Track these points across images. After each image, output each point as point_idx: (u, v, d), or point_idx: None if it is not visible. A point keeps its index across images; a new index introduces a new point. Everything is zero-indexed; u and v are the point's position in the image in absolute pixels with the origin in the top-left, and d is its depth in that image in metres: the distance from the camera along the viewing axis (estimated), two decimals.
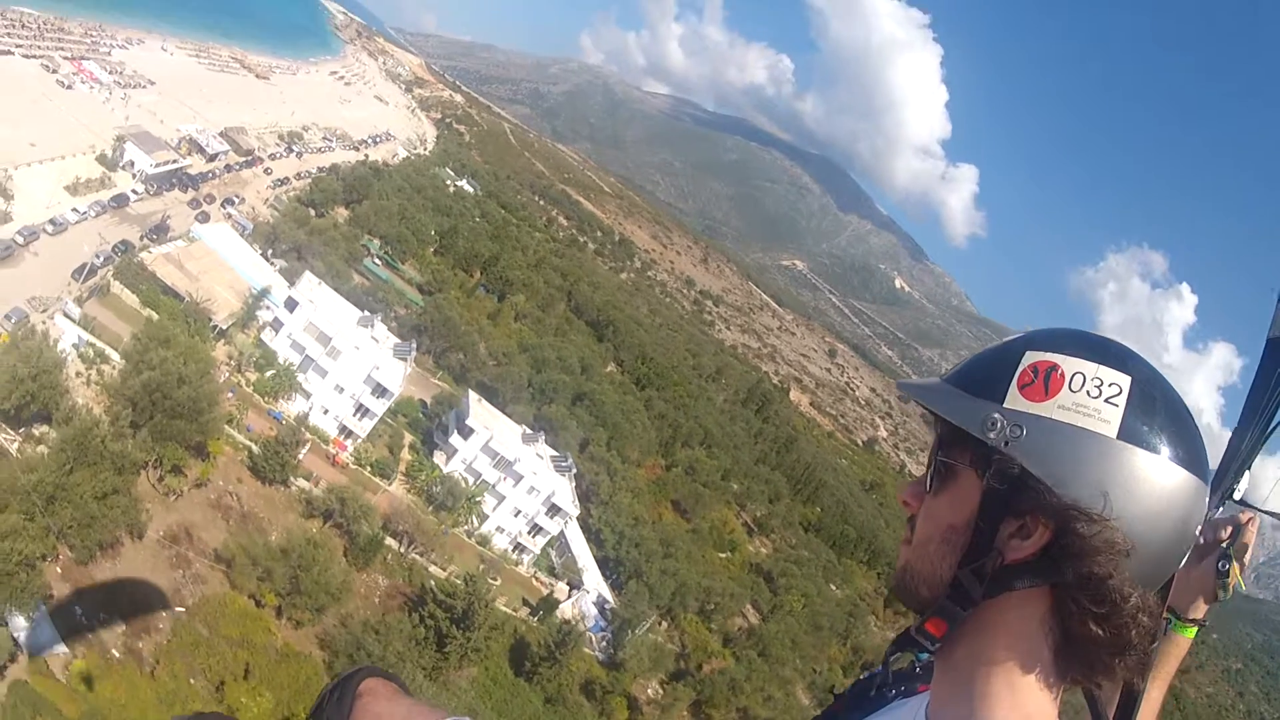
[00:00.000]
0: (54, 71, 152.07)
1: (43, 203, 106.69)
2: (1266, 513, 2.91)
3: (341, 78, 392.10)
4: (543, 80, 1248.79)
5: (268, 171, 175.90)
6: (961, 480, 2.23)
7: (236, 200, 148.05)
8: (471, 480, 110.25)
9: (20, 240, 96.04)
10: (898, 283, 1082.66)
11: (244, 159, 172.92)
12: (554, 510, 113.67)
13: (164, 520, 76.82)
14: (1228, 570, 2.93)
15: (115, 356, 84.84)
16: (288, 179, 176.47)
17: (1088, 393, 2.06)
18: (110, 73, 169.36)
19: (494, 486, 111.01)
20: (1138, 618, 2.01)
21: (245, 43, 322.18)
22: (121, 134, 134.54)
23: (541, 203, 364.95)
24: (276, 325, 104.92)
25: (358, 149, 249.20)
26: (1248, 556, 2.97)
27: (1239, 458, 2.79)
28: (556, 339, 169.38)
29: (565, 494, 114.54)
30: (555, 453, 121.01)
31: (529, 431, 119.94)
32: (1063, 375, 2.10)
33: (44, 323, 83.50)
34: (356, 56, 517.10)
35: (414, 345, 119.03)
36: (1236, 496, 2.75)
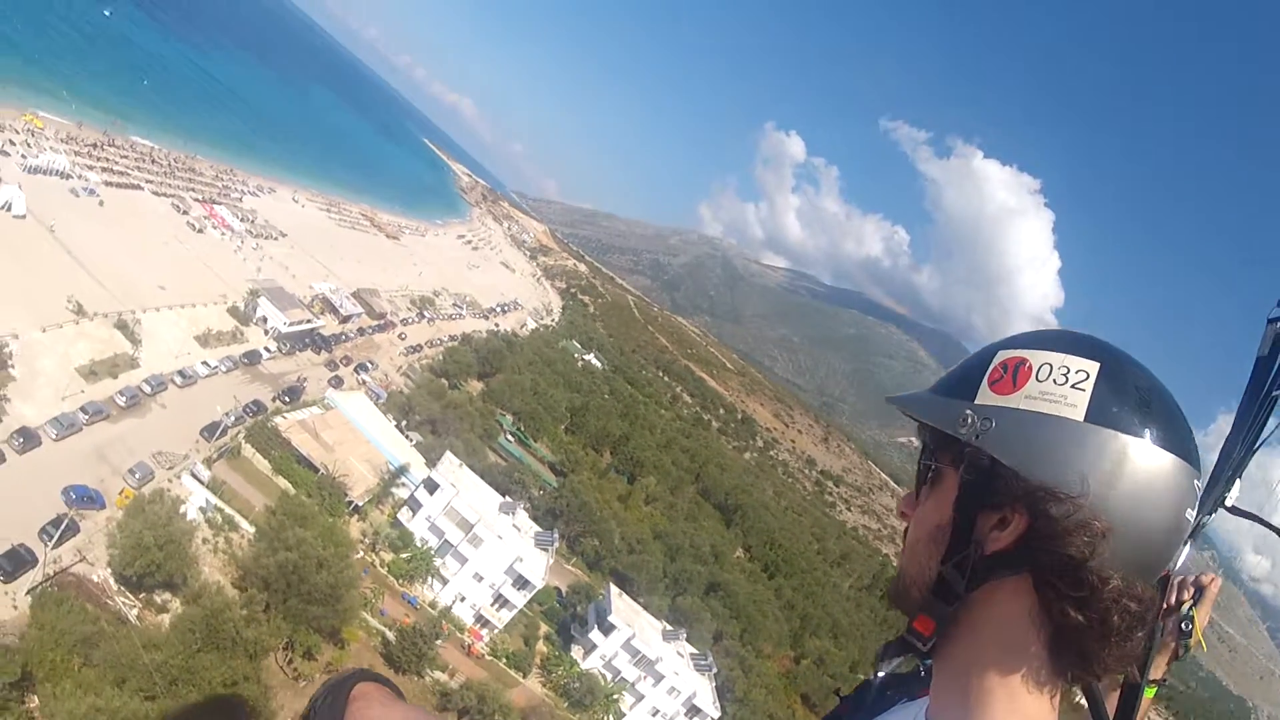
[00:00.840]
0: (184, 213, 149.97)
1: (171, 351, 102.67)
2: (1260, 521, 2.90)
3: (469, 242, 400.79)
4: (663, 251, 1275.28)
5: (402, 337, 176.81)
6: (945, 481, 2.33)
7: (370, 366, 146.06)
8: (610, 677, 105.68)
9: (148, 389, 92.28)
10: None
11: (377, 322, 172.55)
12: (694, 711, 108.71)
13: (293, 707, 70.39)
14: (1190, 630, 3.14)
15: (244, 525, 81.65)
16: (420, 346, 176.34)
17: (1054, 381, 2.14)
18: (242, 220, 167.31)
19: (633, 685, 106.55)
20: (1121, 601, 2.03)
21: (374, 199, 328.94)
22: (255, 288, 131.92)
23: (665, 378, 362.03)
24: (414, 505, 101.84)
25: (487, 317, 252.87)
26: (1207, 617, 3.19)
27: (1230, 466, 2.81)
28: (688, 525, 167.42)
29: (706, 694, 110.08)
30: (695, 650, 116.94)
31: (669, 629, 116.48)
32: (1030, 368, 2.20)
33: (170, 481, 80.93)
34: (482, 220, 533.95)
35: (555, 535, 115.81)
36: (1228, 504, 2.80)
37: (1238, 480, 2.76)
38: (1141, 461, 2.04)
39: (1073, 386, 2.10)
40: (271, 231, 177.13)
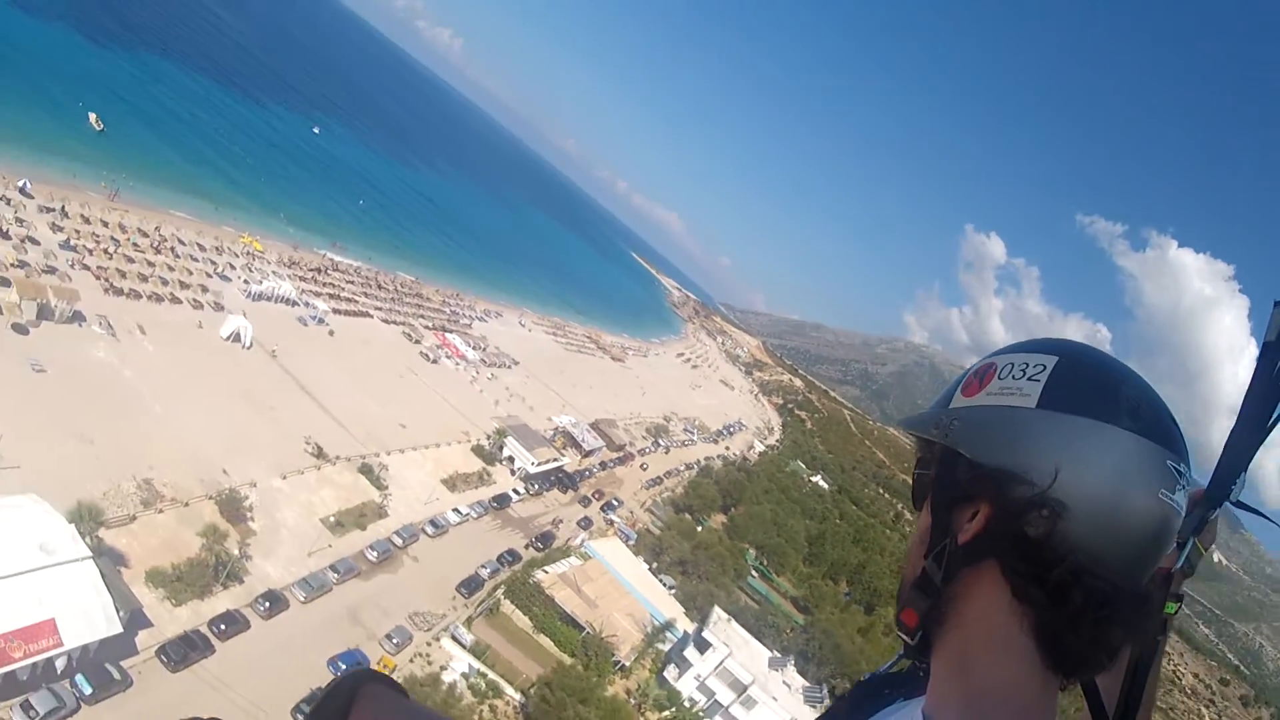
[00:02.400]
0: (417, 342, 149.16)
1: (419, 497, 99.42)
2: (1265, 516, 2.96)
3: (688, 360, 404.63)
4: (870, 360, 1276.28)
5: (643, 468, 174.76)
6: (930, 486, 2.45)
7: (616, 504, 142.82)
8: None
9: (399, 542, 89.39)
10: (1216, 556, 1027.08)
11: (617, 455, 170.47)
12: None
13: None
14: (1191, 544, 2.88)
15: (510, 691, 78.71)
16: (660, 478, 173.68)
17: (1013, 377, 2.26)
18: (474, 348, 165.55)
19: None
20: (1082, 579, 2.07)
21: (595, 319, 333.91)
22: (502, 426, 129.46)
23: (886, 495, 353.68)
24: (682, 663, 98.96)
25: (716, 440, 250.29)
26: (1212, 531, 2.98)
27: (1237, 455, 2.67)
28: None
29: None
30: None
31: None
32: (995, 369, 2.33)
33: (429, 644, 78.92)
34: (697, 336, 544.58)
35: (825, 690, 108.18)
36: (1234, 497, 2.69)
37: (1243, 472, 2.68)
38: (1096, 441, 2.09)
39: (1029, 379, 2.20)
40: (504, 360, 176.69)
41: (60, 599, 52.55)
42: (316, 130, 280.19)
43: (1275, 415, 2.56)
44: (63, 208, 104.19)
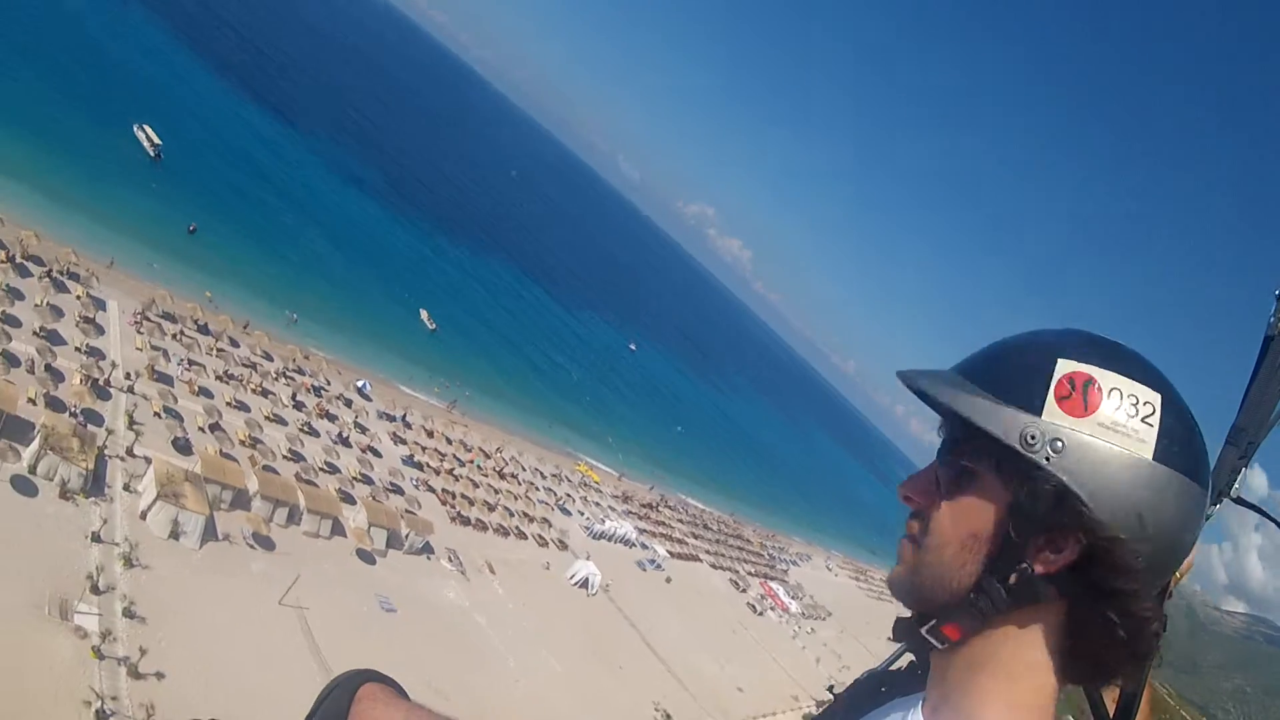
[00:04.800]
0: (743, 590, 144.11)
1: None
2: (1263, 513, 3.03)
3: None
4: None
5: None
6: (985, 487, 2.24)
7: None
8: None
9: None
10: None
11: None
12: None
13: None
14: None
15: None
16: None
17: (1126, 411, 2.11)
18: (793, 598, 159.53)
19: None
20: (1153, 627, 2.13)
21: (887, 560, 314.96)
22: (833, 690, 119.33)
23: None
24: None
25: None
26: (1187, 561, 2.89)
27: (1240, 453, 2.90)
28: None
29: None
30: None
31: None
32: (1100, 390, 2.13)
33: None
34: None
35: None
36: (1233, 495, 2.89)
37: (1244, 470, 2.84)
38: (1185, 500, 2.09)
39: (1143, 420, 2.09)
40: (820, 611, 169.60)
41: None
42: (633, 347, 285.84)
43: (1276, 412, 2.70)
44: (404, 417, 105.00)
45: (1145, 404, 2.10)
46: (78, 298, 75.93)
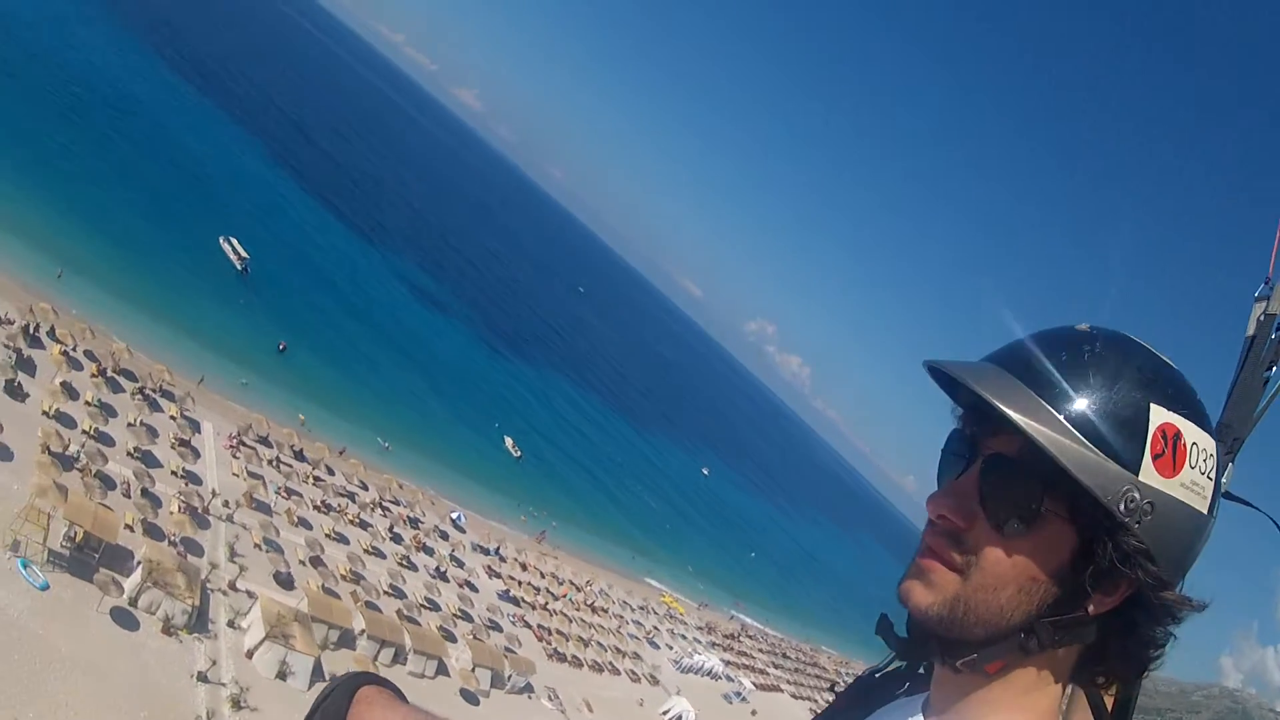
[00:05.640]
0: None
1: None
2: (1254, 507, 2.89)
3: None
4: (1185, 709, 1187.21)
5: None
6: (1055, 530, 2.08)
7: None
8: None
9: None
10: None
11: None
12: None
13: None
14: None
15: None
16: None
17: (1200, 469, 2.06)
18: None
19: None
20: (1167, 646, 2.13)
21: None
22: None
23: None
24: None
25: None
26: None
27: (1223, 452, 2.53)
28: None
29: None
30: None
31: None
32: (1185, 445, 2.05)
33: None
34: None
35: None
36: (1222, 491, 2.53)
37: (1230, 465, 2.80)
38: (1210, 533, 2.12)
39: (1207, 475, 2.06)
40: None
41: None
42: (705, 471, 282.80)
43: (1258, 410, 2.82)
44: (498, 550, 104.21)
45: (1210, 456, 2.08)
46: (172, 418, 76.04)
